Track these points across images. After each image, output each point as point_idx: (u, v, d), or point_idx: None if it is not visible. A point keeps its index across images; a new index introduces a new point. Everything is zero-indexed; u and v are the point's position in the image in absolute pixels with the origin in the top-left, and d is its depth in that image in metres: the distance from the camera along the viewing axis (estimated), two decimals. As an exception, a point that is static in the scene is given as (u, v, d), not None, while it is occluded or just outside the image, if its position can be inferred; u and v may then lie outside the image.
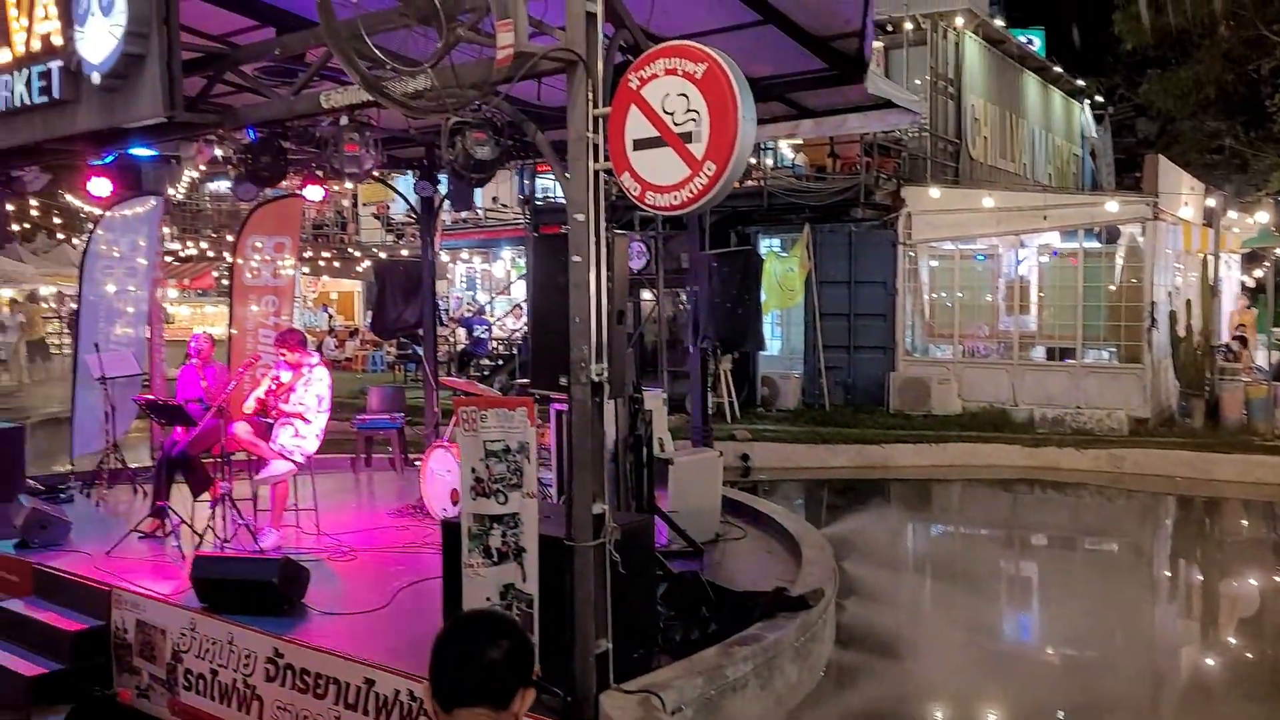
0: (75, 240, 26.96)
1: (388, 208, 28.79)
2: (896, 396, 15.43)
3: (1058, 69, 24.64)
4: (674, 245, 14.68)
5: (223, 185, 29.07)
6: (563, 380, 4.68)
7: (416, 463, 10.27)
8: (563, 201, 16.73)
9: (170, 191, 13.29)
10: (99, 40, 6.05)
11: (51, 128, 6.73)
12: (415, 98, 4.28)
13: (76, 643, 6.13)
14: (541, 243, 5.24)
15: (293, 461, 7.55)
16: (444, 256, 23.35)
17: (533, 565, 4.71)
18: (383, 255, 24.38)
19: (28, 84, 6.61)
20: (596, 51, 4.59)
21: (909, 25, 18.37)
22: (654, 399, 7.28)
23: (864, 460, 13.45)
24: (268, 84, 6.92)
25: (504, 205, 23.15)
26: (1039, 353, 15.66)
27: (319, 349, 18.28)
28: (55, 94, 6.43)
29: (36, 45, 6.51)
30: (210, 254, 26.49)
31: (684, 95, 4.25)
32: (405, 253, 23.08)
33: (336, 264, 27.02)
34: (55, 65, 6.43)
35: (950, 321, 16.00)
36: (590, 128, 4.57)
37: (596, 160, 4.59)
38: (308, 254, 24.38)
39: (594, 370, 4.53)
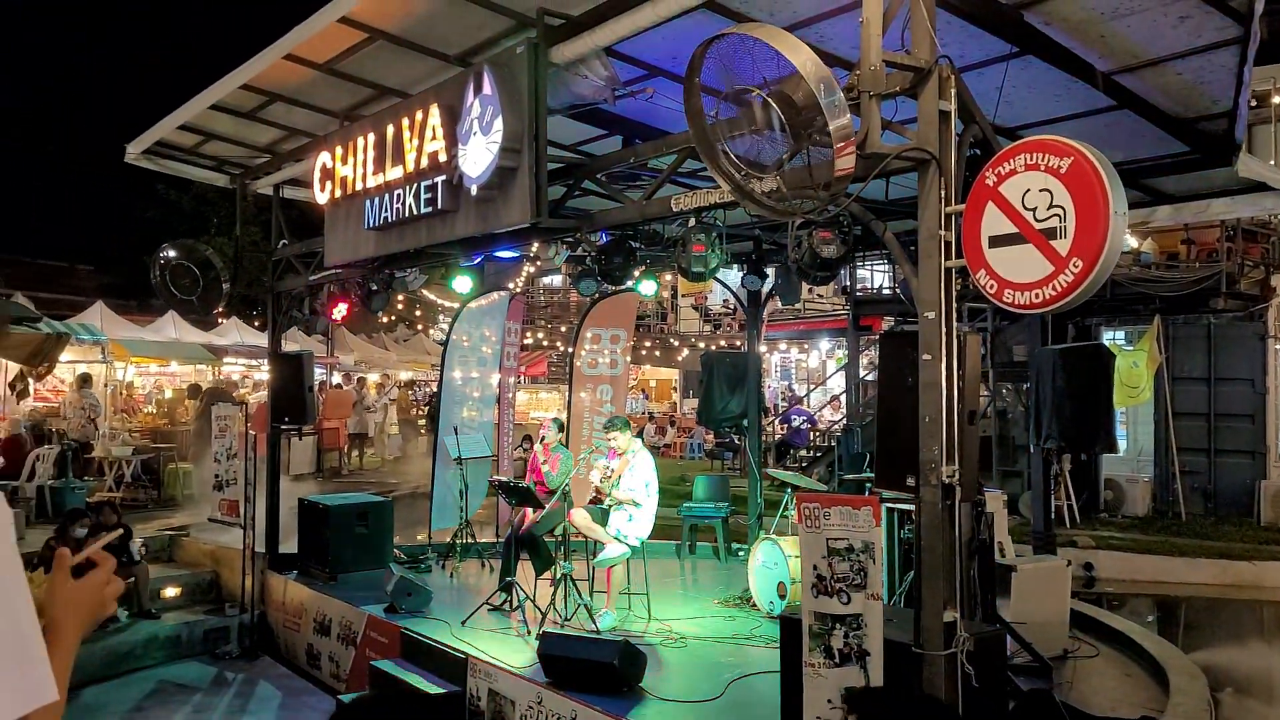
0: (431, 331, 29.90)
1: (705, 299, 29.75)
2: (1269, 508, 13.73)
3: None
4: (1005, 337, 14.06)
5: (554, 280, 31.29)
6: (910, 481, 4.57)
7: (739, 552, 10.37)
8: (885, 293, 16.55)
9: (510, 286, 14.48)
10: (478, 156, 6.76)
11: (434, 234, 7.56)
12: (770, 198, 4.42)
13: (439, 705, 6.62)
14: (889, 339, 5.19)
15: (627, 545, 7.85)
16: (760, 347, 23.68)
17: (877, 670, 4.57)
18: (701, 345, 25.10)
19: (416, 196, 7.48)
20: (950, 149, 4.55)
21: (1278, 99, 16.77)
22: (994, 500, 6.92)
23: (1229, 578, 12.02)
24: (617, 188, 7.43)
25: (820, 296, 23.22)
26: None
27: (639, 435, 19.01)
28: (439, 205, 7.23)
29: (424, 163, 7.37)
30: (545, 343, 28.47)
31: (1046, 190, 4.10)
32: (723, 342, 23.65)
33: (657, 353, 28.14)
34: (440, 180, 7.24)
35: (1333, 424, 14.13)
36: (942, 225, 4.51)
37: (948, 258, 4.51)
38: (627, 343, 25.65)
39: (945, 472, 4.39)
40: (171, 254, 10.24)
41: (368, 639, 7.94)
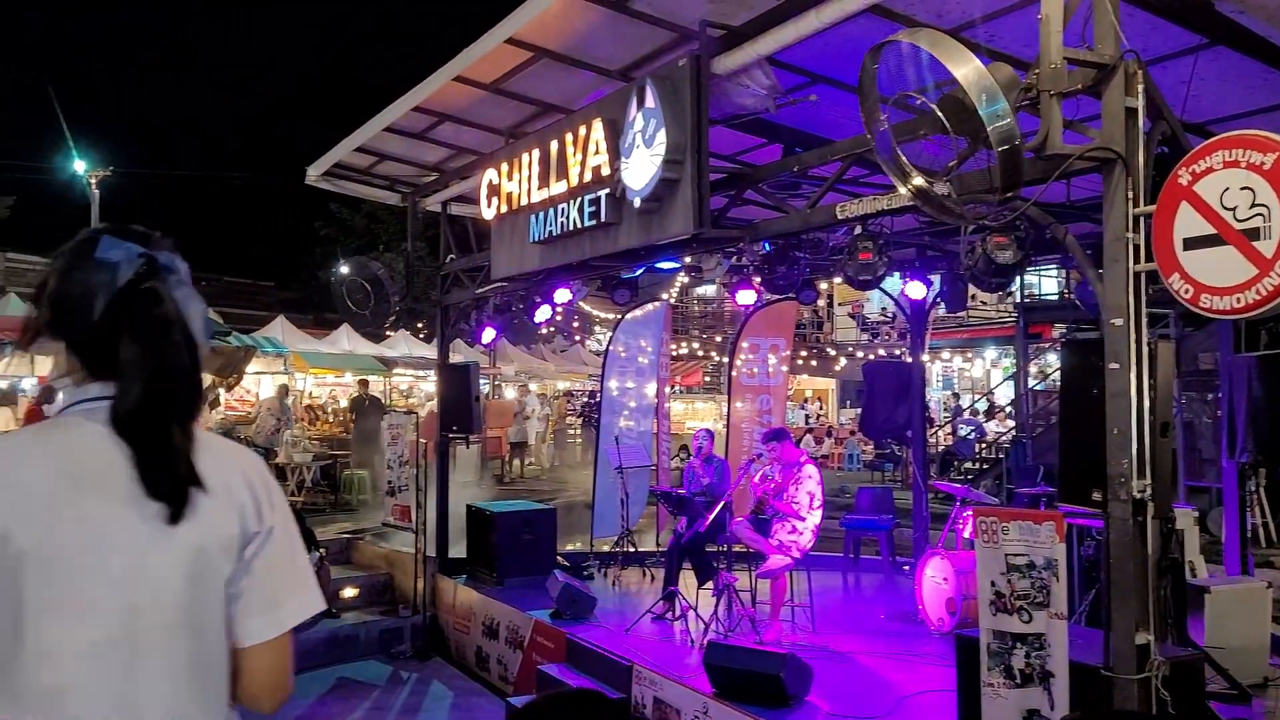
0: (587, 341, 30.39)
1: (861, 307, 29.21)
2: None
3: None
4: (1190, 344, 13.25)
5: (708, 290, 31.33)
6: (1096, 495, 4.36)
7: (904, 566, 10.12)
8: (1050, 299, 15.82)
9: (664, 296, 14.59)
10: (640, 169, 6.83)
11: (597, 247, 7.68)
12: (949, 202, 4.30)
13: (618, 710, 6.70)
14: (1072, 347, 4.96)
15: (790, 557, 7.77)
16: (923, 356, 23.08)
17: (1062, 693, 4.38)
18: (859, 354, 24.67)
19: (580, 210, 7.62)
20: (1137, 148, 4.33)
21: None
22: (1184, 516, 6.54)
23: None
24: (779, 197, 7.38)
25: (984, 303, 22.46)
26: None
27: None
28: (602, 218, 7.35)
29: (588, 177, 7.50)
30: (700, 353, 28.53)
31: (1248, 189, 3.85)
32: (881, 351, 23.17)
33: (813, 362, 27.81)
34: (603, 193, 7.35)
35: None
36: (1130, 227, 4.29)
37: (1137, 261, 4.29)
38: (804, 353, 25.35)
39: (1135, 486, 4.17)
40: (346, 270, 10.76)
41: (534, 643, 8.11)
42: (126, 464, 1.60)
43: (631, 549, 10.32)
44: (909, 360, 11.03)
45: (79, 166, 36.91)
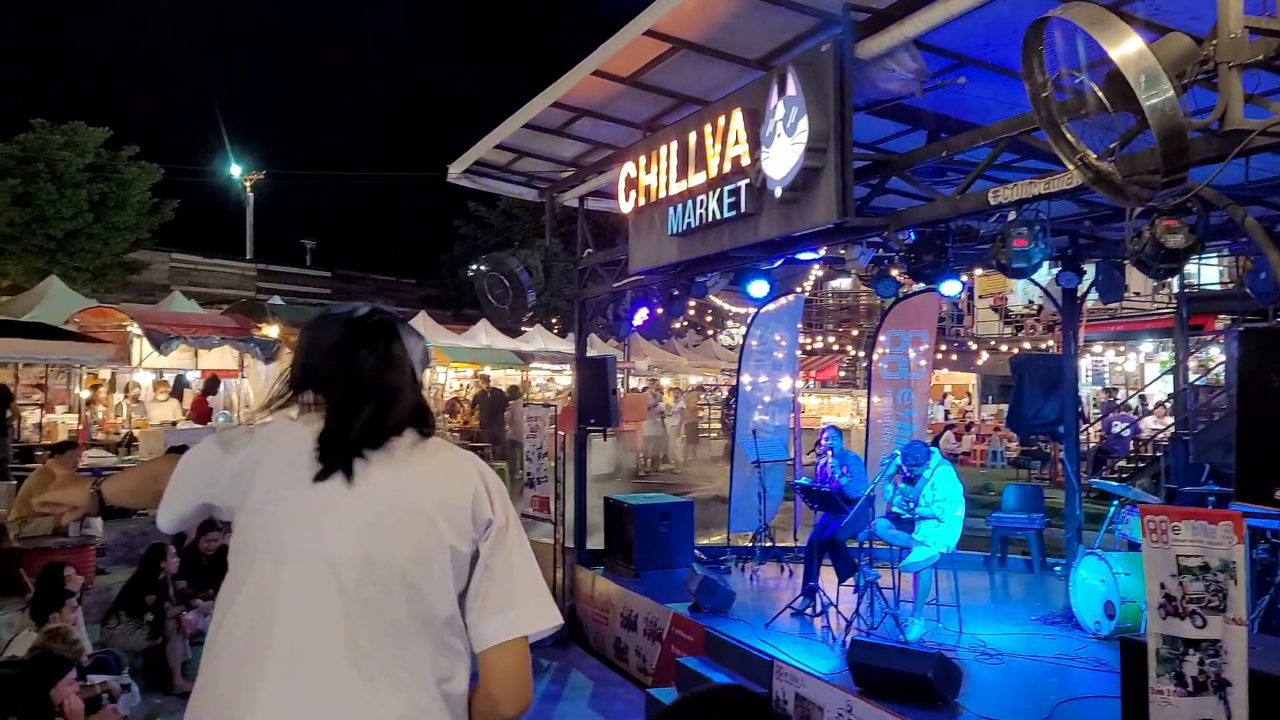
0: (720, 335, 30.30)
1: (1004, 300, 28.22)
2: None
3: None
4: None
5: (843, 283, 30.80)
6: (1280, 494, 4.08)
7: (1056, 567, 9.73)
8: (1212, 288, 14.90)
9: (797, 289, 14.38)
10: (782, 158, 6.73)
11: (736, 238, 7.62)
12: (1126, 182, 4.08)
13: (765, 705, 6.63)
14: (1251, 337, 4.66)
15: (933, 551, 7.56)
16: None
17: (1240, 703, 4.10)
18: (1002, 348, 23.86)
19: (719, 201, 7.57)
20: (1330, 119, 4.02)
21: None
22: (1373, 520, 6.07)
23: None
24: (924, 184, 7.17)
25: (1137, 294, 21.39)
26: None
27: (935, 443, 18.30)
28: (742, 208, 7.28)
29: (727, 167, 7.45)
30: (835, 347, 28.12)
31: None
32: (1027, 345, 22.34)
33: (954, 357, 27.03)
34: (742, 184, 7.29)
35: None
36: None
37: (1328, 242, 3.99)
38: (943, 347, 24.67)
39: (1325, 484, 3.88)
40: (484, 267, 10.97)
41: (672, 636, 8.11)
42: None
43: (769, 544, 10.22)
44: (1059, 353, 10.57)
45: (235, 171, 38.91)
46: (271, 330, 17.41)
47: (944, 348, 26.88)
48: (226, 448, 1.96)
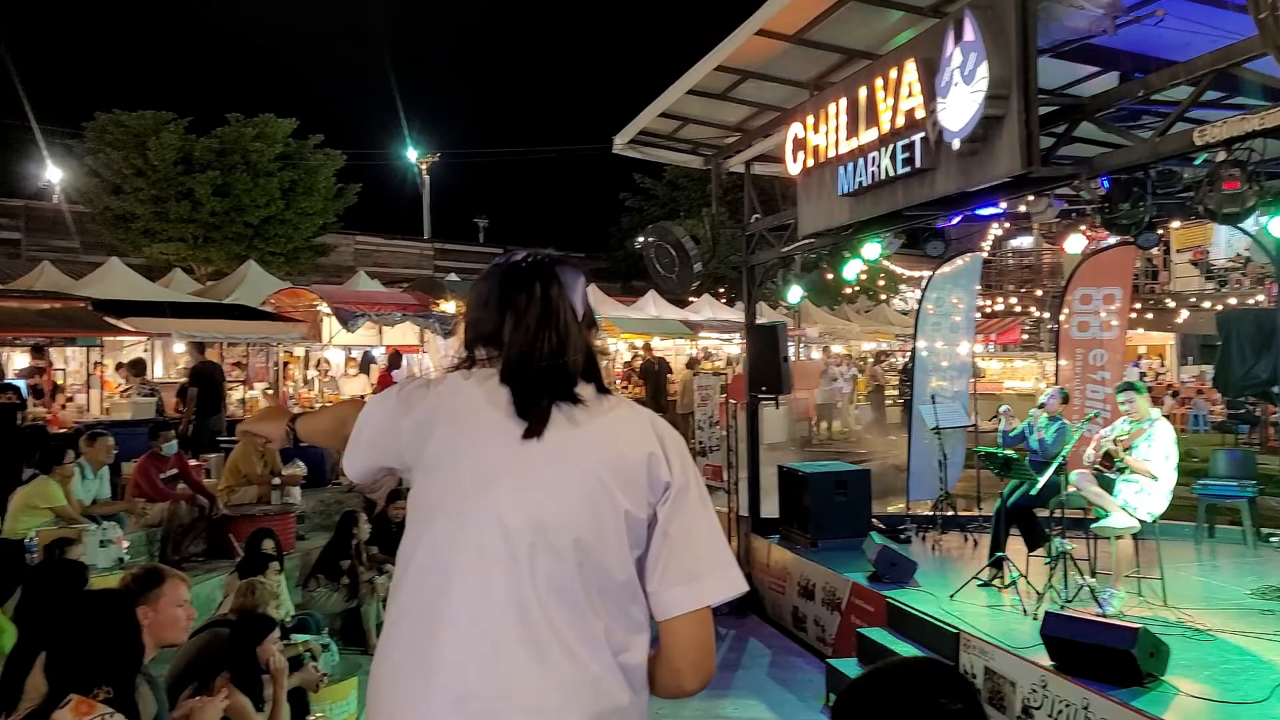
0: (893, 300, 29.50)
1: (1205, 253, 26.27)
2: None
3: None
4: None
5: (1024, 241, 29.40)
6: None
7: (1271, 538, 9.01)
8: None
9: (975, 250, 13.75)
10: (959, 108, 6.41)
11: (911, 195, 7.33)
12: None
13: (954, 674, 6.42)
14: None
15: (1135, 519, 7.11)
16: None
17: None
18: (1205, 305, 22.27)
19: (892, 157, 7.29)
20: None
21: None
22: None
23: None
24: (1117, 128, 6.69)
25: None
26: None
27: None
28: (916, 163, 6.99)
29: (900, 121, 7.16)
30: (1017, 309, 26.91)
31: None
32: (1233, 301, 20.76)
33: (1148, 315, 25.42)
34: (917, 137, 6.99)
35: None
36: None
37: None
38: (1137, 305, 23.24)
39: None
40: (651, 238, 10.97)
41: (852, 606, 7.94)
42: (508, 401, 1.85)
43: (950, 512, 9.86)
44: (1271, 308, 9.74)
45: (412, 155, 40.43)
46: (449, 306, 18.03)
47: (1138, 306, 25.32)
48: (405, 402, 1.94)
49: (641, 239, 11.20)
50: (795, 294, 10.79)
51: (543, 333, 1.89)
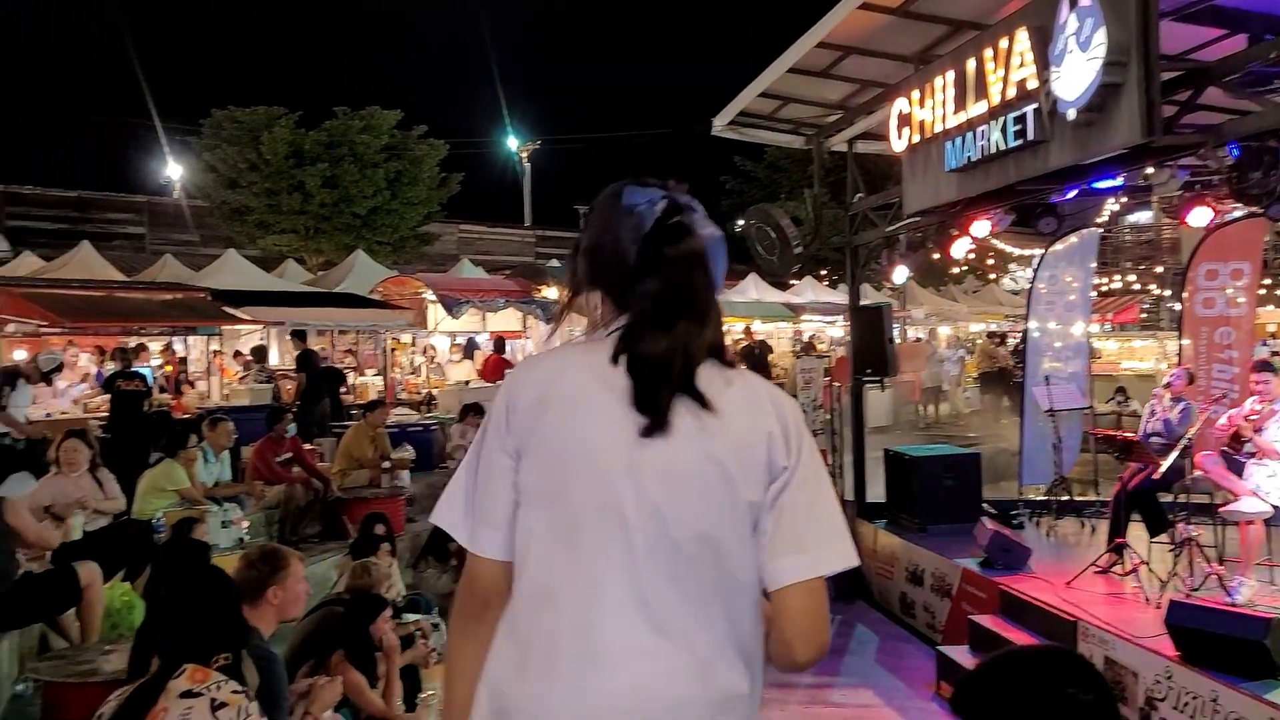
0: (1002, 280, 28.69)
1: (1343, 224, 24.84)
2: None
3: None
4: None
5: (1142, 216, 28.20)
6: None
7: None
8: None
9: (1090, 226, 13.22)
10: (1075, 77, 6.16)
11: (1023, 169, 7.09)
12: None
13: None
14: None
15: (1267, 504, 6.77)
16: None
17: None
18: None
19: (1003, 130, 7.06)
20: None
21: None
22: None
23: None
24: (1248, 93, 6.34)
25: None
26: None
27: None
28: (1029, 136, 6.76)
29: (1011, 93, 6.93)
30: (1136, 286, 25.89)
31: None
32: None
33: (1278, 291, 24.17)
34: (1029, 109, 6.75)
35: None
36: None
37: None
38: (1266, 281, 22.11)
39: None
40: (752, 221, 10.87)
41: (963, 592, 7.76)
42: (626, 382, 1.69)
43: (1066, 497, 9.54)
44: None
45: (512, 143, 40.92)
46: (550, 292, 18.20)
47: (1267, 281, 24.08)
48: (499, 435, 1.75)
49: (742, 222, 11.11)
50: (901, 274, 10.55)
51: (684, 305, 1.71)
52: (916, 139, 8.32)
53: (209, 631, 3.12)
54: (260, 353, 15.44)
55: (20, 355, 12.07)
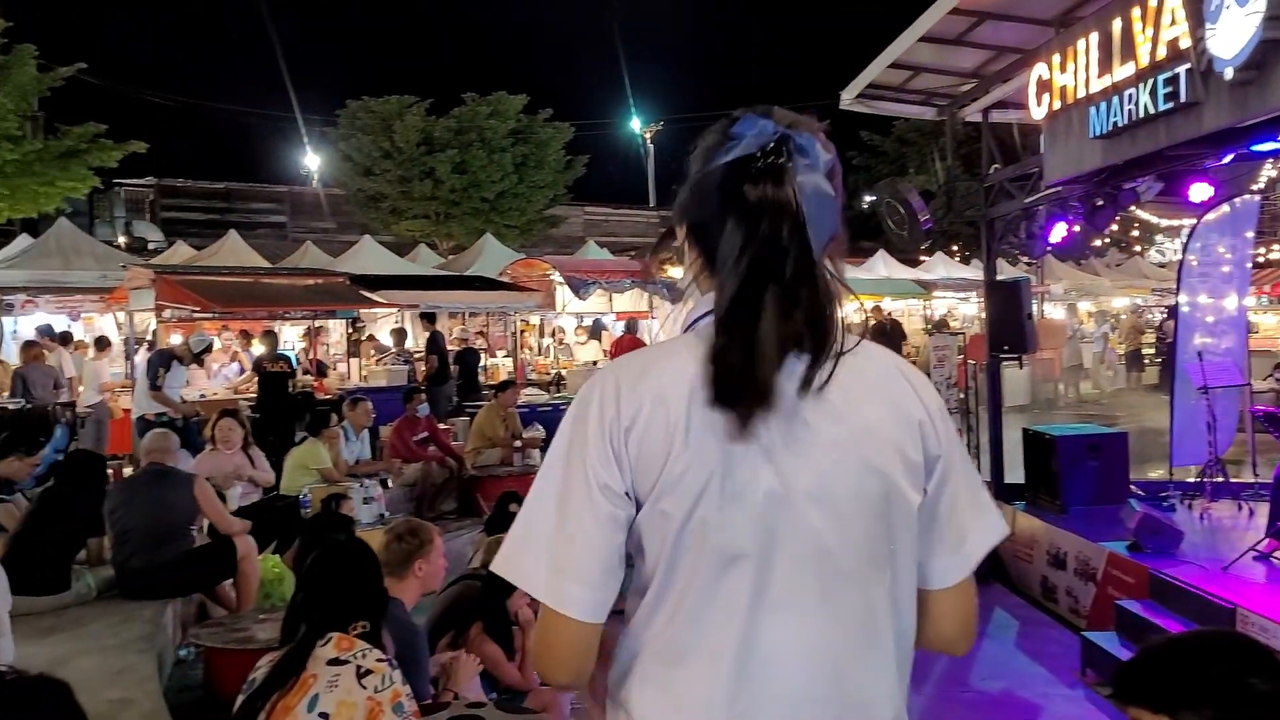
0: (1148, 252, 27.36)
1: None
2: None
3: None
4: None
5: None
6: None
7: None
8: None
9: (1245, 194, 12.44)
10: (1233, 33, 5.80)
11: (1174, 133, 6.72)
12: None
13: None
14: None
15: None
16: None
17: None
18: None
19: (1152, 93, 6.70)
20: None
21: None
22: None
23: None
24: None
25: None
26: None
27: None
28: (1181, 98, 6.40)
29: (1162, 53, 6.57)
30: (1294, 257, 24.34)
31: None
32: None
33: None
34: (1182, 69, 6.39)
35: None
36: None
37: None
38: None
39: None
40: (882, 195, 10.63)
41: (1109, 576, 7.45)
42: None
43: (1221, 479, 9.05)
44: None
45: (635, 125, 41.06)
46: (675, 272, 18.18)
47: None
48: (604, 464, 1.44)
49: (870, 197, 10.88)
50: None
51: (774, 271, 1.39)
52: (1057, 105, 7.98)
53: (351, 601, 3.23)
54: (399, 335, 16.02)
55: (176, 339, 12.74)
